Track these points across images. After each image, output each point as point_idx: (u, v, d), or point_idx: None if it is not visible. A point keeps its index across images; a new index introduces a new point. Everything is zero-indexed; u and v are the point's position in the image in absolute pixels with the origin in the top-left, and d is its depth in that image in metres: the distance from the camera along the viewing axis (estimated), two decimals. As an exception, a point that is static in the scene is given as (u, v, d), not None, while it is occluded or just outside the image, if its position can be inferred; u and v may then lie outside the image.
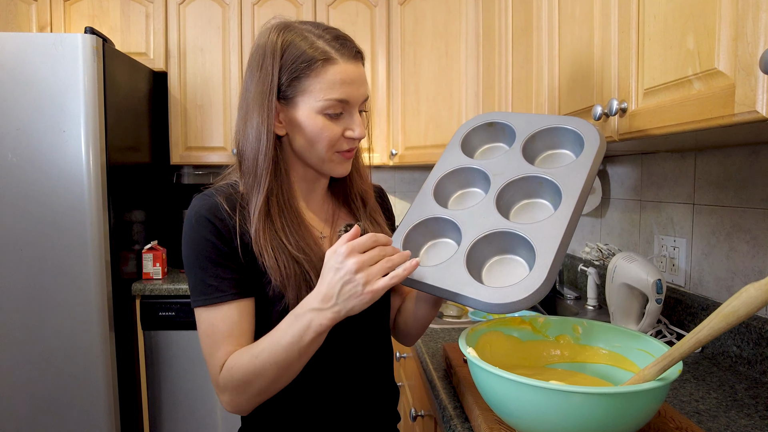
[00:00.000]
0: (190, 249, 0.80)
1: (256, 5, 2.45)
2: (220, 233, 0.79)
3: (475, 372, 0.70)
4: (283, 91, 0.80)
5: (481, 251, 0.80)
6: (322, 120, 0.80)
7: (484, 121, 0.98)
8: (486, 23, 1.95)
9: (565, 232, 0.74)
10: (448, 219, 0.85)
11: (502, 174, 0.86)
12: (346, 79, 0.79)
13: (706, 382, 1.02)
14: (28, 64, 1.82)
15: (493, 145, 0.97)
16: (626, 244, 1.58)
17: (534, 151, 0.91)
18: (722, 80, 0.70)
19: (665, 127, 0.83)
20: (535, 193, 0.85)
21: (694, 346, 0.55)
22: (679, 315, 1.29)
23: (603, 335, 0.84)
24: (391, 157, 2.47)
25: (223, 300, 0.78)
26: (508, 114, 0.96)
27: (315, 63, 0.78)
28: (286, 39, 0.80)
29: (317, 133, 0.80)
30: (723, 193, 1.18)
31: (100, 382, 1.94)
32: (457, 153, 0.95)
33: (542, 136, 0.90)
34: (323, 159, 0.83)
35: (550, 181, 0.82)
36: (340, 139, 0.82)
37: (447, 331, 1.38)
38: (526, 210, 0.84)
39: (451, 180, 0.93)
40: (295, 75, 0.79)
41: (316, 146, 0.81)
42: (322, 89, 0.78)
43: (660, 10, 0.85)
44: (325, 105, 0.79)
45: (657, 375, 0.60)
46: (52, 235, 1.88)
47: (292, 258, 0.79)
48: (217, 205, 0.80)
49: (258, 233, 0.79)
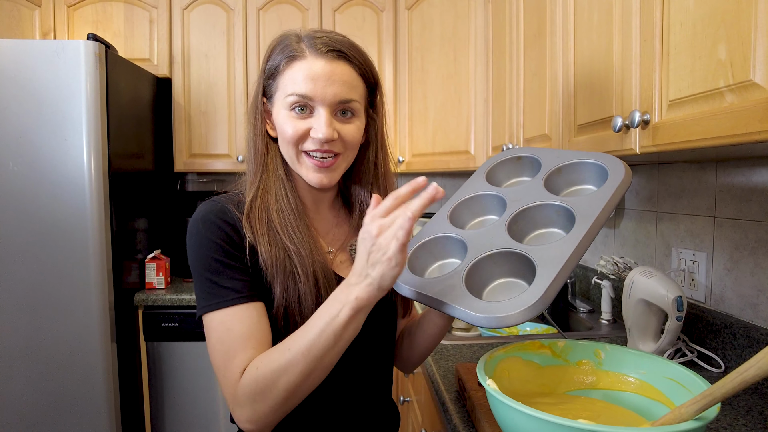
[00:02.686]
0: (199, 253, 0.76)
1: (261, 10, 2.41)
2: (230, 236, 0.77)
3: (497, 407, 0.65)
4: (266, 90, 0.82)
5: (485, 270, 0.76)
6: (286, 115, 0.79)
7: (512, 155, 0.95)
8: (496, 28, 1.91)
9: (572, 254, 0.70)
10: (458, 239, 0.82)
11: (519, 200, 0.83)
12: (311, 74, 0.76)
13: (733, 407, 0.97)
14: (29, 71, 1.80)
15: (519, 180, 0.94)
16: (641, 256, 1.53)
17: (558, 184, 0.87)
18: (759, 93, 0.66)
19: (693, 141, 0.78)
20: (551, 223, 0.81)
21: (739, 386, 0.50)
22: (699, 332, 1.24)
23: (627, 360, 0.80)
24: (398, 164, 2.43)
25: (240, 301, 0.74)
26: (539, 149, 0.94)
27: (287, 59, 0.78)
28: (276, 41, 0.82)
29: (282, 129, 0.79)
30: (747, 206, 1.13)
31: (101, 395, 1.90)
32: (481, 182, 0.92)
33: (568, 169, 0.87)
34: (293, 159, 0.81)
35: (567, 209, 0.78)
36: (305, 138, 0.79)
37: (458, 347, 1.34)
38: (540, 239, 0.81)
39: (470, 206, 0.90)
40: (272, 73, 0.80)
41: (285, 145, 0.81)
42: (286, 84, 0.78)
43: (687, 17, 0.80)
44: (290, 101, 0.78)
45: (695, 415, 0.55)
46: (53, 244, 1.84)
47: (282, 248, 0.77)
48: (225, 210, 0.79)
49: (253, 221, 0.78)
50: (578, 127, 1.22)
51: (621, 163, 0.82)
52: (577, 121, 1.23)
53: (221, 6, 2.40)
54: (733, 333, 1.14)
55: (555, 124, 1.35)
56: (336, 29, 2.41)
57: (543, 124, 1.44)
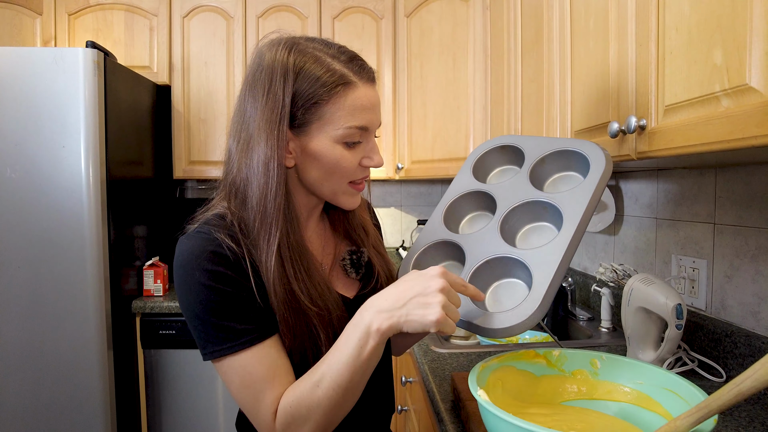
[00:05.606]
0: (198, 294, 0.68)
1: (261, 18, 2.42)
2: (234, 268, 0.69)
3: (487, 417, 0.64)
4: (297, 118, 0.71)
5: (483, 276, 0.80)
6: (341, 150, 0.73)
7: (497, 145, 0.98)
8: (494, 36, 1.90)
9: (563, 258, 0.73)
10: (456, 243, 0.85)
11: (507, 199, 0.86)
12: (367, 104, 0.73)
13: (734, 418, 0.95)
14: (28, 78, 1.80)
15: (506, 168, 0.98)
16: (641, 263, 1.51)
17: (543, 174, 0.90)
18: (755, 97, 0.65)
19: (689, 146, 0.77)
20: (540, 217, 0.85)
21: (735, 398, 0.49)
22: (700, 341, 1.22)
23: (624, 370, 0.78)
24: (398, 171, 2.42)
25: (255, 341, 0.69)
26: (521, 137, 0.96)
27: (335, 88, 0.71)
28: (298, 61, 0.71)
29: (335, 164, 0.73)
30: (747, 212, 1.11)
31: (98, 402, 1.88)
32: (468, 177, 0.95)
33: (551, 159, 0.90)
34: (337, 191, 0.77)
35: (554, 206, 0.81)
36: (357, 169, 0.76)
37: (455, 356, 1.32)
38: (531, 234, 0.84)
39: (462, 204, 0.93)
40: (311, 101, 0.71)
41: (332, 178, 0.75)
42: (342, 116, 0.71)
43: (683, 22, 0.79)
44: (346, 133, 0.72)
45: (690, 428, 0.53)
46: (50, 251, 1.84)
47: (302, 312, 0.71)
48: (219, 241, 0.70)
49: (275, 287, 0.70)
50: (575, 132, 1.21)
51: (600, 150, 0.84)
52: (574, 127, 1.22)
53: (221, 14, 2.41)
54: (734, 342, 1.12)
55: (552, 130, 1.34)
56: (335, 37, 2.41)
57: (541, 130, 1.43)
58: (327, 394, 0.66)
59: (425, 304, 0.62)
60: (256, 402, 0.69)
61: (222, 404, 2.15)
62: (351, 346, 0.65)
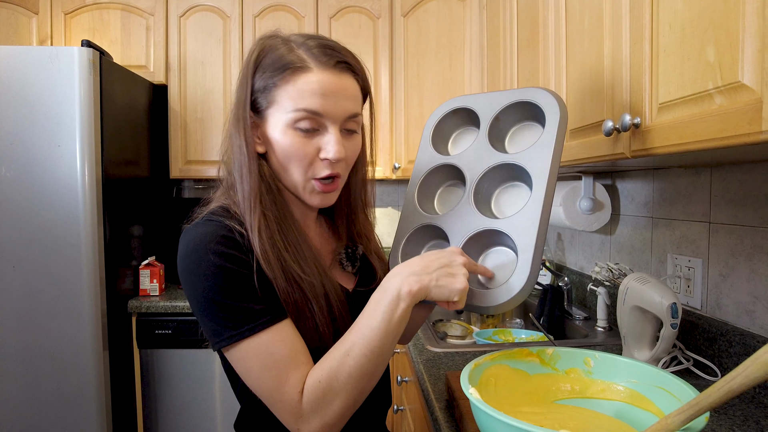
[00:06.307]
0: (213, 277, 0.67)
1: (257, 17, 2.42)
2: (245, 251, 0.70)
3: (479, 416, 0.63)
4: (257, 102, 0.74)
5: (470, 251, 0.81)
6: (292, 135, 0.72)
7: (448, 110, 0.97)
8: (491, 35, 1.90)
9: (540, 219, 0.75)
10: (436, 226, 0.86)
11: (474, 168, 0.87)
12: (320, 89, 0.71)
13: (728, 417, 0.94)
14: (23, 77, 1.79)
15: (463, 130, 0.98)
16: (637, 262, 1.51)
17: (501, 131, 0.91)
18: (747, 94, 0.64)
19: (683, 144, 0.77)
20: (510, 177, 0.86)
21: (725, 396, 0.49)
22: (695, 340, 1.22)
23: (617, 369, 0.78)
24: (394, 170, 2.42)
25: (274, 320, 0.68)
26: (470, 97, 0.95)
27: (285, 70, 0.71)
28: (265, 45, 0.74)
29: (287, 151, 0.72)
30: (742, 211, 1.11)
31: (93, 402, 1.88)
32: (429, 151, 0.95)
33: (505, 114, 0.89)
34: (297, 185, 0.75)
35: (520, 166, 0.82)
36: (316, 161, 0.73)
37: (450, 355, 1.32)
38: (505, 194, 0.86)
39: (431, 180, 0.93)
40: (267, 86, 0.72)
41: (289, 167, 0.74)
42: (291, 98, 0.71)
43: (676, 20, 0.79)
44: (295, 117, 0.71)
45: (681, 425, 0.53)
46: (45, 251, 1.83)
47: (295, 280, 0.71)
48: (229, 227, 0.71)
49: (266, 254, 0.70)
50: (570, 131, 1.21)
51: (552, 96, 0.84)
52: (569, 126, 1.22)
53: (217, 13, 2.40)
54: (729, 341, 1.12)
55: (548, 129, 1.34)
56: (332, 36, 2.40)
57: (536, 129, 1.43)
58: (358, 362, 0.66)
59: (452, 274, 0.68)
60: (280, 384, 0.67)
61: (219, 405, 2.15)
62: (382, 310, 0.66)
